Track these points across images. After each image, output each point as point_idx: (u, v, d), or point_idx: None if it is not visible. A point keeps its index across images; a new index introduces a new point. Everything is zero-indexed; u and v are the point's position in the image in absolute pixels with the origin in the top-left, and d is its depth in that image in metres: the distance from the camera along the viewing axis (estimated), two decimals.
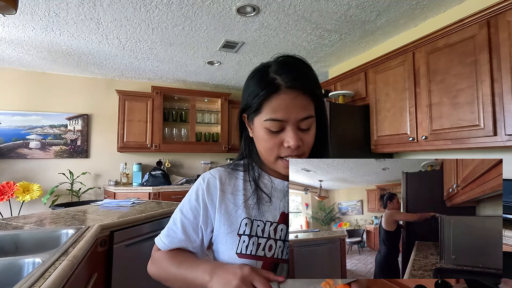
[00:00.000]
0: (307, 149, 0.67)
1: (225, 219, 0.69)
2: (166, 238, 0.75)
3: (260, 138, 0.67)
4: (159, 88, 4.02)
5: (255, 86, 0.66)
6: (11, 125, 3.57)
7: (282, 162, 0.66)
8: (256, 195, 0.70)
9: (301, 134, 0.64)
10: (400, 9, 2.32)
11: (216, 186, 0.72)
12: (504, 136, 1.69)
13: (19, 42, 2.86)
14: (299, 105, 0.63)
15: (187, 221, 0.72)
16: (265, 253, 0.65)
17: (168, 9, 2.28)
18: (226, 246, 0.68)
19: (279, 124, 0.63)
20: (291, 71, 0.64)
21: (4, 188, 3.11)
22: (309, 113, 0.64)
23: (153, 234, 1.79)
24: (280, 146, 0.65)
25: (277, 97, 0.63)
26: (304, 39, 2.86)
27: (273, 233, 0.67)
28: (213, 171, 0.76)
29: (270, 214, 0.69)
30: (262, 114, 0.65)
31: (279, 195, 0.71)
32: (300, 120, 0.63)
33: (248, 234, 0.66)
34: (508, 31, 1.66)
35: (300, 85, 0.63)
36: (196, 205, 0.72)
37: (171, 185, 3.75)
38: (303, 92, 0.63)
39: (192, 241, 0.72)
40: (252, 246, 0.65)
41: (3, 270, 0.93)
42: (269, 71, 0.65)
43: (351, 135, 2.59)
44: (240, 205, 0.70)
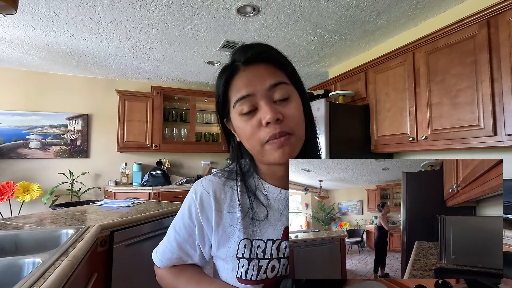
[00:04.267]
0: (293, 125, 0.58)
1: (223, 241, 0.64)
2: (162, 255, 0.70)
3: (239, 129, 0.61)
4: (159, 88, 4.02)
5: (218, 79, 0.63)
6: (11, 125, 3.57)
7: (268, 147, 0.58)
8: (254, 211, 0.63)
9: (278, 107, 0.57)
10: (400, 9, 2.32)
11: (210, 204, 0.65)
12: (504, 136, 1.69)
13: (19, 42, 2.86)
14: (262, 74, 0.58)
15: (182, 239, 0.68)
16: (267, 275, 0.61)
17: (168, 9, 2.28)
18: (226, 267, 0.63)
19: (249, 102, 0.57)
20: (246, 50, 0.60)
21: (4, 188, 3.11)
22: (277, 79, 0.58)
23: (153, 234, 1.79)
24: (259, 127, 0.57)
25: (237, 76, 0.59)
26: (304, 39, 2.86)
27: (276, 252, 0.62)
28: (205, 183, 0.67)
29: (272, 231, 0.63)
30: (231, 101, 0.60)
31: (279, 206, 0.65)
32: (269, 88, 0.57)
33: (247, 258, 0.61)
34: (508, 31, 1.66)
35: (257, 56, 0.59)
36: (190, 223, 0.67)
37: (171, 185, 3.75)
38: (263, 62, 0.59)
39: (191, 255, 0.68)
40: (252, 271, 0.60)
41: (3, 270, 0.93)
42: (228, 62, 0.63)
43: (351, 135, 2.59)
44: (237, 225, 0.63)
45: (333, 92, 2.88)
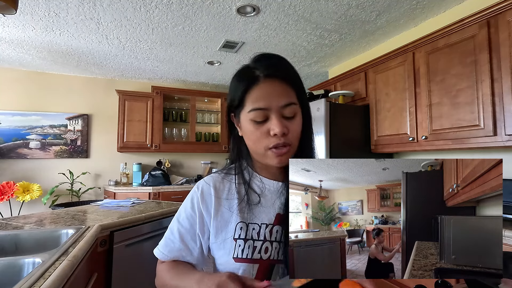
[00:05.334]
0: (294, 138, 0.67)
1: (222, 226, 0.70)
2: (164, 248, 0.75)
3: (247, 131, 0.68)
4: (159, 88, 4.02)
5: (236, 82, 0.70)
6: (11, 125, 3.57)
7: (271, 153, 0.66)
8: (249, 197, 0.71)
9: (286, 122, 0.65)
10: (400, 9, 2.32)
11: (210, 193, 0.73)
12: (504, 136, 1.69)
13: (19, 42, 2.86)
14: (279, 92, 0.65)
15: (184, 230, 0.73)
16: (261, 255, 0.66)
17: (168, 9, 2.28)
18: (224, 251, 0.68)
19: (263, 113, 0.65)
20: (266, 62, 0.68)
21: (4, 188, 3.11)
22: (290, 99, 0.66)
23: (153, 234, 1.79)
24: (267, 135, 0.66)
25: (257, 88, 0.66)
26: (304, 39, 2.86)
27: (269, 235, 0.68)
28: (207, 178, 0.77)
29: (265, 216, 0.70)
30: (246, 106, 0.67)
31: (273, 196, 0.72)
32: (283, 107, 0.65)
33: (243, 238, 0.67)
34: (508, 31, 1.66)
35: (277, 73, 0.66)
36: (192, 213, 0.73)
37: (171, 185, 3.75)
38: (281, 79, 0.66)
39: (191, 249, 0.73)
40: (247, 250, 0.66)
41: (3, 270, 0.93)
42: (248, 68, 0.69)
43: (351, 135, 2.59)
44: (234, 210, 0.71)
45: (333, 92, 2.88)
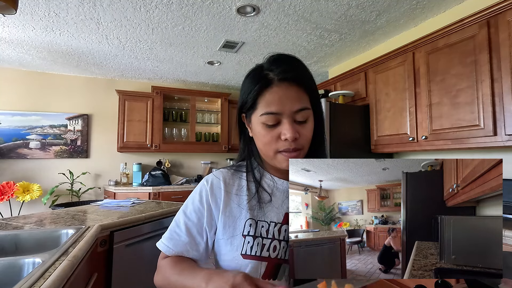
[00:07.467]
0: (305, 142, 0.67)
1: (230, 221, 0.69)
2: (169, 241, 0.72)
3: (258, 134, 0.68)
4: (159, 88, 4.02)
5: (250, 83, 0.68)
6: (11, 125, 3.57)
7: (281, 156, 0.66)
8: (259, 195, 0.71)
9: (297, 127, 0.65)
10: (400, 9, 2.32)
11: (220, 187, 0.72)
12: (504, 136, 1.69)
13: (19, 42, 2.86)
14: (293, 97, 0.64)
15: (191, 223, 0.71)
16: (270, 254, 0.66)
17: (168, 9, 2.28)
18: (231, 247, 0.68)
19: (275, 117, 0.64)
20: (281, 65, 0.66)
21: (4, 188, 3.11)
22: (303, 104, 0.65)
23: (153, 234, 1.79)
24: (278, 139, 0.65)
25: (270, 91, 0.64)
26: (304, 39, 2.86)
27: (278, 233, 0.67)
28: (216, 172, 0.76)
29: (274, 215, 0.69)
30: (258, 109, 0.66)
31: (282, 195, 0.72)
32: (295, 112, 0.64)
33: (252, 235, 0.67)
34: (508, 31, 1.66)
35: (292, 77, 0.64)
36: (200, 206, 0.72)
37: (171, 185, 3.75)
38: (295, 84, 0.65)
39: (197, 243, 0.70)
40: (257, 247, 0.66)
41: (3, 270, 0.93)
42: (262, 69, 0.68)
43: (351, 135, 2.59)
44: (244, 206, 0.70)
45: (333, 92, 2.88)
